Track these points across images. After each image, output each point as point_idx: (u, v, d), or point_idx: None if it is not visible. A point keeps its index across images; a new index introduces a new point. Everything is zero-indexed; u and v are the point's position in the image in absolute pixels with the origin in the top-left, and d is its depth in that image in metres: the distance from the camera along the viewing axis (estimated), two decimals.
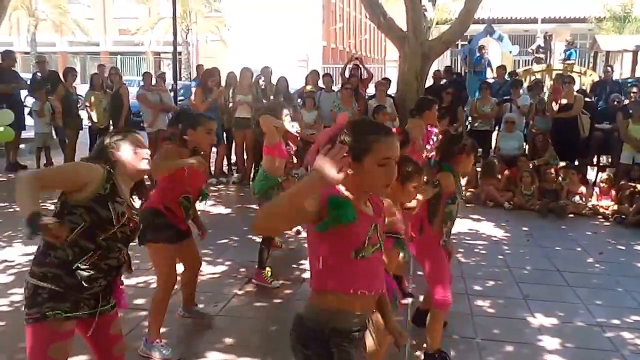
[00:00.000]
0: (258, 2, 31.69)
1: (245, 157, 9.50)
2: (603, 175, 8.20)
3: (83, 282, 2.42)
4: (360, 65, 10.51)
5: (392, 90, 10.24)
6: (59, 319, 2.40)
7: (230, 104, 9.16)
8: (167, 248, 3.69)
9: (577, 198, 7.81)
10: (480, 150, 9.30)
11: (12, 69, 10.22)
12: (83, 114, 10.44)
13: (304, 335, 2.07)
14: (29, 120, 10.41)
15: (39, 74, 10.31)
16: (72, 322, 2.45)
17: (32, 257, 2.49)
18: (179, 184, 3.68)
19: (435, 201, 3.61)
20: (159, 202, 3.68)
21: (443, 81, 10.97)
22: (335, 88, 10.16)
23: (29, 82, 10.74)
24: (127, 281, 4.88)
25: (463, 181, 8.59)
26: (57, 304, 2.39)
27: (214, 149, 9.19)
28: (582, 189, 7.93)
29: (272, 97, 9.23)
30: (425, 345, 3.69)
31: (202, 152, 3.86)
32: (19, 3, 28.27)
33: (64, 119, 9.81)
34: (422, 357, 3.69)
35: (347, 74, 10.57)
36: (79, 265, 2.41)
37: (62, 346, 2.44)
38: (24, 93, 10.57)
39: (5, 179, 9.23)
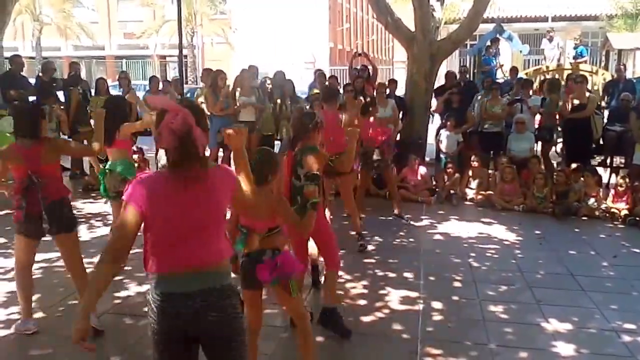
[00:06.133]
0: (263, 4, 31.68)
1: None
2: (619, 178, 8.00)
3: None
4: (367, 59, 10.29)
5: (400, 91, 10.12)
6: None
7: (237, 106, 9.04)
8: None
9: (591, 201, 7.64)
10: (491, 153, 9.19)
11: (21, 73, 10.19)
12: None
13: None
14: None
15: (43, 77, 10.21)
16: None
17: None
18: None
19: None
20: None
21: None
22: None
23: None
24: (136, 288, 4.86)
25: (474, 183, 8.48)
26: None
27: (220, 153, 9.12)
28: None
29: (278, 100, 9.10)
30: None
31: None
32: (24, 7, 28.22)
33: (73, 128, 9.30)
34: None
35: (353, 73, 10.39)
36: None
37: None
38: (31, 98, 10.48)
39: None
